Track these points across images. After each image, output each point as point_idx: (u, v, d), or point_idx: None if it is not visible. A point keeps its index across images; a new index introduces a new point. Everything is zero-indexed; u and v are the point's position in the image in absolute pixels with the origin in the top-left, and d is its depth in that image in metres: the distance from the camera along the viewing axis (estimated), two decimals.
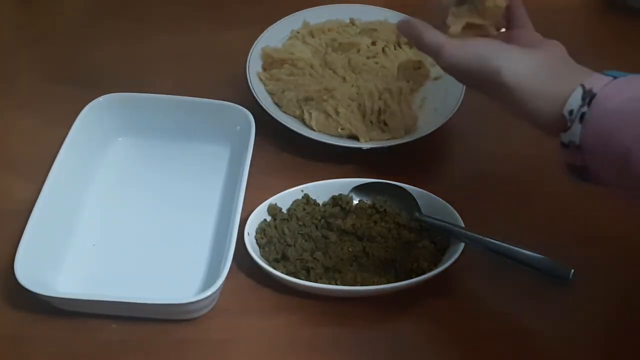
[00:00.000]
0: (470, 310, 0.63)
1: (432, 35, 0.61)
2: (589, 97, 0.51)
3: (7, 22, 0.95)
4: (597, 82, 0.51)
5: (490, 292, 0.64)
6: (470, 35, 0.61)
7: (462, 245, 0.63)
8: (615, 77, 0.51)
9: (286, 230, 0.66)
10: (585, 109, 0.51)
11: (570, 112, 0.52)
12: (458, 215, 0.65)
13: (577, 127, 0.51)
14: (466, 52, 0.58)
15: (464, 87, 0.79)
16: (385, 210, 0.68)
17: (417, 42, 0.62)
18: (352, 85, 0.78)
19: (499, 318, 0.63)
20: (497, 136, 0.77)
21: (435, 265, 0.63)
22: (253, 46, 0.83)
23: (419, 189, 0.68)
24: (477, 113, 0.80)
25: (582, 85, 0.52)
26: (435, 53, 0.61)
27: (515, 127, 0.79)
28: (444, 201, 0.66)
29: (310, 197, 0.68)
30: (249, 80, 0.79)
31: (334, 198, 0.69)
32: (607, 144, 0.49)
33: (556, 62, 0.57)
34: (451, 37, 0.61)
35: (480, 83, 0.59)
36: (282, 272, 0.62)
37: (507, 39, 0.61)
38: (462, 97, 0.78)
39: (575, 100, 0.51)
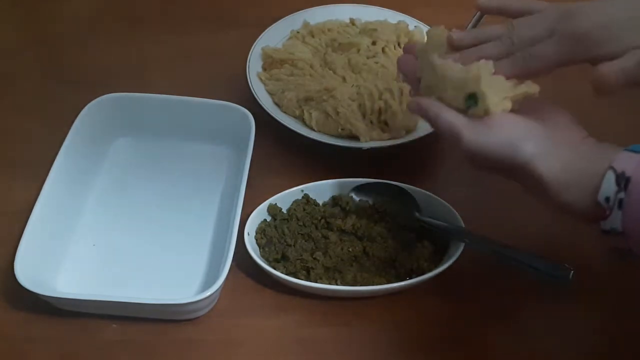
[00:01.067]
0: (470, 310, 0.63)
1: (448, 117, 0.55)
2: (623, 181, 0.48)
3: (7, 22, 0.95)
4: (627, 162, 0.49)
5: (490, 292, 0.64)
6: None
7: (462, 245, 0.63)
8: None
9: (286, 230, 0.66)
10: (622, 194, 0.48)
11: (607, 199, 0.49)
12: (458, 215, 0.65)
13: (617, 214, 0.49)
14: (490, 140, 0.53)
15: None
16: (385, 210, 0.68)
17: (432, 124, 0.57)
18: (352, 85, 0.78)
19: (499, 318, 0.63)
20: None
21: (435, 265, 0.63)
22: (253, 46, 0.83)
23: (419, 189, 0.68)
24: None
25: (613, 169, 0.49)
26: (452, 137, 0.55)
27: None
28: (443, 201, 0.66)
29: (310, 197, 0.68)
30: (249, 80, 0.79)
31: (334, 198, 0.69)
32: None
33: (578, 143, 0.54)
34: (468, 117, 0.55)
35: (503, 169, 0.55)
36: (282, 272, 0.62)
37: None
38: None
39: (609, 186, 0.49)
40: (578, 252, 0.65)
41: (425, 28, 0.88)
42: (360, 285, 0.62)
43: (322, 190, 0.69)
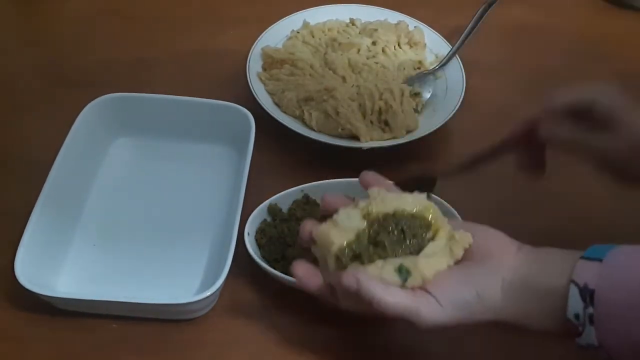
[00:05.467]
0: None
1: (394, 296, 0.49)
2: (587, 294, 0.46)
3: (7, 22, 0.95)
4: (586, 273, 0.47)
5: None
6: None
7: None
8: (598, 259, 0.47)
9: (286, 230, 0.66)
10: (590, 309, 0.46)
11: (576, 315, 0.47)
12: (458, 215, 0.65)
13: (589, 330, 0.47)
14: (447, 312, 0.49)
15: (464, 87, 0.79)
16: None
17: (373, 305, 0.50)
18: (352, 85, 0.78)
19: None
20: (497, 136, 0.77)
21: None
22: (253, 46, 0.83)
23: None
24: (477, 113, 0.80)
25: (575, 283, 0.47)
26: (406, 317, 0.50)
27: None
28: (443, 201, 0.66)
29: (310, 197, 0.68)
30: (249, 80, 0.79)
31: None
32: (629, 337, 0.46)
33: (518, 261, 0.51)
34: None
35: (468, 324, 0.51)
36: (282, 272, 0.62)
37: None
38: (462, 97, 0.78)
39: (575, 302, 0.47)
40: None
41: (425, 28, 0.88)
42: None
43: (322, 190, 0.69)
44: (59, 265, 0.64)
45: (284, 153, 0.76)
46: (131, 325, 0.60)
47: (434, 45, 0.87)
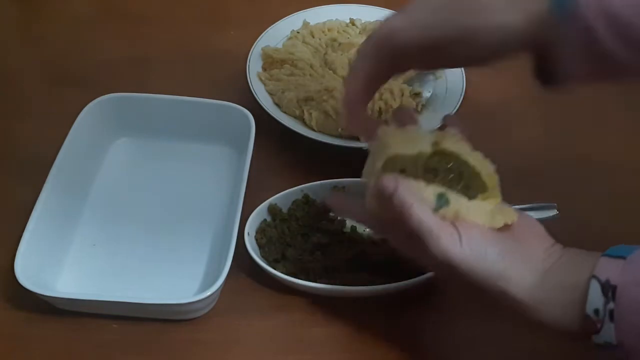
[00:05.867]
0: (470, 310, 0.63)
1: (424, 212, 0.49)
2: (609, 290, 0.46)
3: (7, 22, 0.95)
4: (609, 269, 0.47)
5: None
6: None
7: None
8: (622, 257, 0.47)
9: (286, 230, 0.66)
10: (611, 305, 0.46)
11: (596, 311, 0.46)
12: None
13: (609, 327, 0.46)
14: (465, 252, 0.49)
15: (464, 87, 0.79)
16: None
17: (403, 215, 0.49)
18: None
19: (501, 318, 0.63)
20: (497, 136, 0.77)
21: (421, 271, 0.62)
22: (253, 46, 0.83)
23: None
24: (477, 113, 0.80)
25: (596, 278, 0.47)
26: (425, 237, 0.49)
27: (516, 128, 0.80)
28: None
29: (310, 197, 0.68)
30: (249, 80, 0.79)
31: None
32: None
33: (548, 255, 0.51)
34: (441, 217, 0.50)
35: (478, 282, 0.50)
36: (282, 272, 0.62)
37: None
38: (462, 97, 0.78)
39: (596, 298, 0.46)
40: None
41: None
42: (360, 285, 0.62)
43: (322, 190, 0.69)
44: (59, 265, 0.64)
45: (284, 153, 0.76)
46: (131, 325, 0.60)
47: None
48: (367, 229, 0.67)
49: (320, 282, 0.62)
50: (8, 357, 0.59)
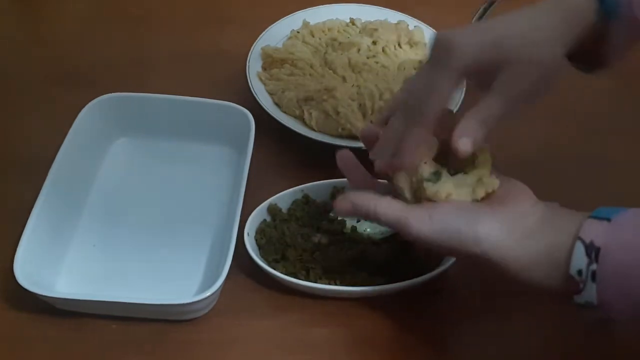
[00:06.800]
0: (471, 310, 0.63)
1: (386, 208, 0.53)
2: (593, 251, 0.47)
3: (7, 22, 0.95)
4: (594, 231, 0.47)
5: (490, 292, 0.64)
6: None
7: None
8: (606, 219, 0.48)
9: (286, 230, 0.66)
10: (594, 266, 0.46)
11: (579, 272, 0.47)
12: None
13: (591, 287, 0.47)
14: (435, 227, 0.51)
15: (464, 87, 0.79)
16: None
17: (370, 217, 0.55)
18: (352, 85, 0.78)
19: (499, 319, 0.63)
20: (496, 136, 0.77)
21: (436, 266, 0.62)
22: (253, 46, 0.83)
23: None
24: None
25: (581, 239, 0.47)
26: (397, 228, 0.53)
27: (516, 128, 0.79)
28: None
29: (310, 197, 0.68)
30: (249, 80, 0.79)
31: (333, 198, 0.69)
32: (631, 297, 0.46)
33: (530, 213, 0.52)
34: (408, 203, 0.54)
35: (460, 255, 0.54)
36: (282, 272, 0.62)
37: None
38: (462, 97, 0.78)
39: (580, 259, 0.47)
40: None
41: (425, 28, 0.88)
42: (360, 286, 0.62)
43: (322, 190, 0.69)
44: (58, 265, 0.64)
45: (284, 153, 0.76)
46: (131, 325, 0.60)
47: None
48: (367, 229, 0.67)
49: (320, 282, 0.62)
50: (8, 357, 0.59)
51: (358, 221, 0.67)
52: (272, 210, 0.67)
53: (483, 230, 0.51)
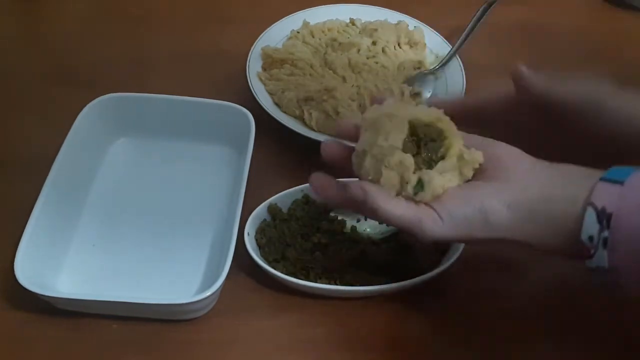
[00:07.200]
0: (471, 310, 0.63)
1: (399, 208, 0.51)
2: (605, 217, 0.46)
3: (7, 22, 0.95)
4: (605, 196, 0.46)
5: (490, 292, 0.64)
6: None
7: (462, 245, 0.62)
8: (619, 182, 0.46)
9: (286, 230, 0.66)
10: (606, 233, 0.46)
11: (590, 238, 0.47)
12: None
13: (602, 253, 0.46)
14: (446, 225, 0.50)
15: (464, 87, 0.79)
16: None
17: (376, 216, 0.52)
18: (352, 85, 0.78)
19: (499, 318, 0.63)
20: (496, 136, 0.77)
21: (435, 265, 0.63)
22: (253, 46, 0.83)
23: None
24: None
25: (593, 205, 0.46)
26: (409, 231, 0.51)
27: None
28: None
29: (310, 197, 0.68)
30: (249, 80, 0.79)
31: None
32: None
33: (540, 187, 0.50)
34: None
35: (476, 241, 0.52)
36: (282, 272, 0.62)
37: None
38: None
39: (591, 225, 0.46)
40: None
41: (425, 28, 0.88)
42: (360, 285, 0.62)
43: None
44: (58, 265, 0.64)
45: (284, 153, 0.76)
46: (131, 325, 0.60)
47: (434, 45, 0.87)
48: (367, 229, 0.67)
49: (320, 282, 0.62)
50: (8, 357, 0.59)
51: (358, 221, 0.67)
52: (272, 210, 0.67)
53: (493, 216, 0.49)
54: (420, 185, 0.51)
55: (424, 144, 0.52)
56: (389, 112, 0.53)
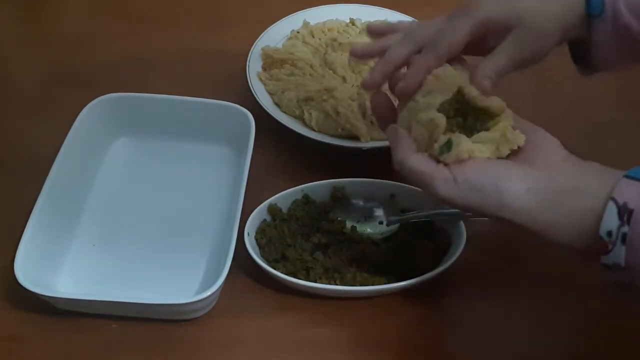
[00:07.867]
0: (471, 310, 0.63)
1: (417, 161, 0.52)
2: (626, 213, 0.45)
3: (7, 22, 0.95)
4: (628, 192, 0.46)
5: (490, 292, 0.64)
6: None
7: (462, 245, 0.62)
8: None
9: (286, 230, 0.66)
10: (625, 228, 0.45)
11: (609, 233, 0.46)
12: (458, 211, 0.65)
13: (619, 249, 0.46)
14: (461, 190, 0.50)
15: None
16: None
17: (398, 164, 0.53)
18: (352, 85, 0.78)
19: (499, 318, 0.63)
20: None
21: (436, 265, 0.63)
22: (253, 46, 0.83)
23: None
24: None
25: (614, 200, 0.46)
26: (421, 186, 0.52)
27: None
28: None
29: (310, 197, 0.68)
30: (249, 80, 0.79)
31: (333, 198, 0.69)
32: None
33: (559, 170, 0.50)
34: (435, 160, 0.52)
35: (485, 215, 0.52)
36: (282, 272, 0.62)
37: None
38: None
39: (611, 220, 0.46)
40: None
41: None
42: (360, 285, 0.62)
43: (322, 190, 0.69)
44: (59, 265, 0.64)
45: (284, 153, 0.76)
46: (131, 325, 0.60)
47: None
48: (368, 229, 0.67)
49: (320, 282, 0.62)
50: (8, 357, 0.59)
51: (358, 221, 0.67)
52: (272, 210, 0.67)
53: (508, 195, 0.49)
54: (447, 145, 0.51)
55: (473, 113, 0.53)
56: (438, 73, 0.54)
